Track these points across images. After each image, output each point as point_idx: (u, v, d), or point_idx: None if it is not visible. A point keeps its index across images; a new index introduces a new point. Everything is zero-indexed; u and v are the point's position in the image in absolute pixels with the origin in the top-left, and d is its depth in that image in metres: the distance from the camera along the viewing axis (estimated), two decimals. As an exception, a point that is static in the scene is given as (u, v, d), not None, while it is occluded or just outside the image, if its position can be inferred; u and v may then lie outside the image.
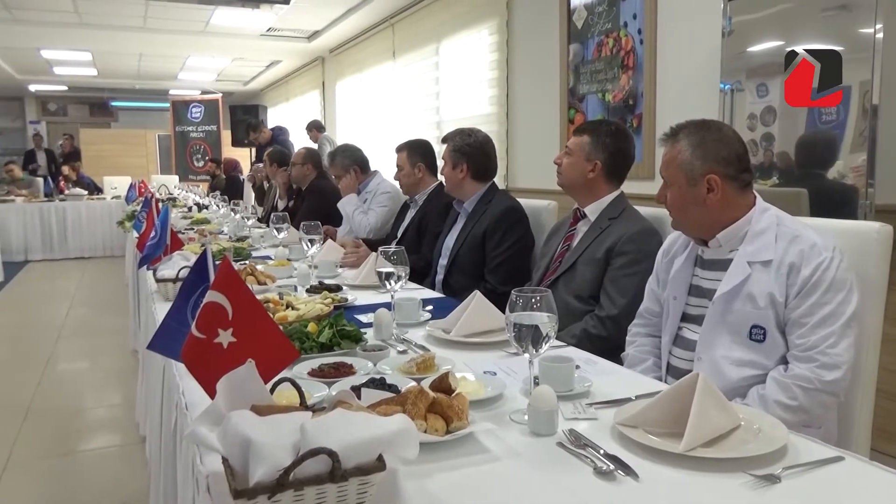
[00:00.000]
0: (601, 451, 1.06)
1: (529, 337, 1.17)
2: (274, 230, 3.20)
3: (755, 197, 1.66)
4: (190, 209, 6.26)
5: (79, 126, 13.99)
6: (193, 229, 4.22)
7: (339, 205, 3.94)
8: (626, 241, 2.11)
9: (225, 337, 1.09)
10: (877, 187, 2.49)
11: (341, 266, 2.87)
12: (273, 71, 11.20)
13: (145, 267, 2.67)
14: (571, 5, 4.16)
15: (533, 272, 2.50)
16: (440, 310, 1.98)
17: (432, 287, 2.77)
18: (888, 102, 2.45)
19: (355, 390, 1.11)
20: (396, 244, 2.54)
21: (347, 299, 2.20)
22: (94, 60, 10.33)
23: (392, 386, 1.25)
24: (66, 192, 9.92)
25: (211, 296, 1.10)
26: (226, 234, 4.09)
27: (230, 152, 10.75)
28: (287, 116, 11.18)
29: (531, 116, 4.82)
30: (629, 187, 2.30)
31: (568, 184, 2.30)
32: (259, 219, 5.15)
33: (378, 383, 1.26)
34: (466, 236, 2.79)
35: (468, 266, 2.77)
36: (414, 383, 1.18)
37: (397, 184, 3.48)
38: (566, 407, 1.24)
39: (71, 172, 10.70)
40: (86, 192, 10.00)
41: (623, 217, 2.20)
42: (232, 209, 5.12)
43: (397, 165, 3.33)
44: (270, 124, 8.73)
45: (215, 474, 0.96)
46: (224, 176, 8.87)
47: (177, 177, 11.24)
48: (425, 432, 1.04)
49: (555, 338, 1.22)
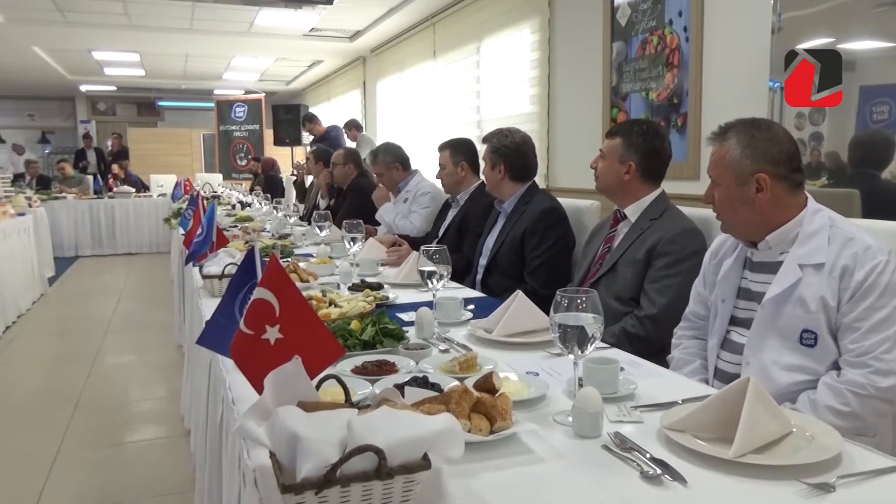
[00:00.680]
0: (647, 455, 1.04)
1: (575, 338, 1.16)
2: (316, 228, 3.23)
3: (807, 198, 1.62)
4: (233, 207, 6.37)
5: (127, 125, 14.35)
6: (237, 227, 4.29)
7: (378, 216, 3.97)
8: (667, 242, 2.08)
9: (272, 333, 1.10)
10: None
11: (383, 264, 2.89)
12: (315, 71, 11.32)
13: (191, 263, 2.72)
14: (615, 3, 4.11)
15: (574, 274, 2.47)
16: (482, 309, 1.98)
17: (472, 286, 2.77)
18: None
19: (399, 388, 1.11)
20: (437, 243, 2.54)
21: (389, 297, 2.21)
22: (143, 61, 10.58)
23: (435, 385, 1.25)
24: (115, 190, 10.18)
25: (259, 293, 1.11)
26: (268, 232, 4.14)
27: (272, 151, 10.90)
28: (328, 116, 11.27)
29: (573, 115, 4.77)
30: (673, 187, 2.26)
31: (604, 187, 2.29)
32: (300, 217, 5.21)
33: (421, 382, 1.26)
34: (506, 237, 2.78)
35: (507, 267, 2.76)
36: (457, 382, 1.17)
37: (438, 183, 3.48)
38: (611, 409, 1.22)
39: (119, 171, 10.98)
40: (133, 190, 10.25)
41: (664, 217, 2.16)
42: (274, 207, 5.19)
43: (440, 164, 3.34)
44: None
45: (262, 468, 0.98)
46: (262, 175, 9.00)
47: (220, 175, 11.45)
48: (469, 432, 1.04)
49: (600, 339, 1.21)
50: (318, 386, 1.07)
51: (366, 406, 1.03)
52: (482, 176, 3.11)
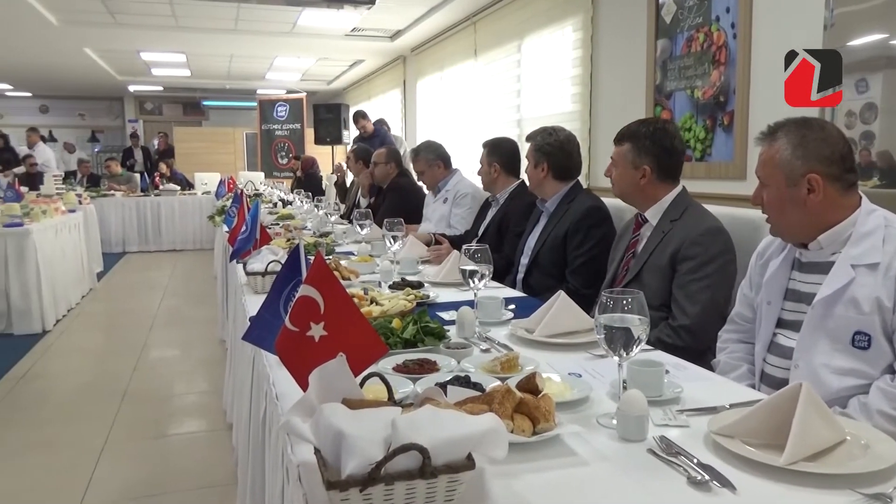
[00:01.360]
0: (695, 461, 1.02)
1: (621, 340, 1.15)
2: (357, 226, 3.25)
3: (860, 198, 1.57)
4: (275, 205, 6.45)
5: (172, 124, 14.67)
6: (279, 224, 4.34)
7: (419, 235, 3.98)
8: (690, 245, 2.03)
9: (317, 330, 1.11)
10: None
11: (424, 261, 2.90)
12: (355, 70, 11.40)
13: (235, 260, 2.76)
14: (660, 0, 4.05)
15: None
16: (523, 309, 1.97)
17: (513, 286, 2.75)
18: None
19: (441, 387, 1.11)
20: (477, 242, 2.54)
21: (429, 296, 2.21)
22: (188, 62, 10.79)
23: (477, 384, 1.24)
24: (161, 188, 10.41)
25: (304, 290, 1.12)
26: (309, 230, 4.19)
27: (312, 150, 11.01)
28: (369, 115, 11.34)
29: (615, 114, 4.71)
30: (719, 187, 2.22)
31: (621, 194, 2.27)
32: (341, 215, 5.26)
33: (463, 381, 1.25)
34: (548, 236, 2.76)
35: (549, 266, 2.74)
36: (498, 382, 1.17)
37: (478, 181, 3.49)
38: (655, 413, 1.20)
39: (166, 169, 11.23)
40: (178, 188, 10.47)
41: (685, 217, 2.12)
42: (315, 205, 5.25)
43: (480, 161, 3.36)
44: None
45: (306, 464, 0.98)
46: (302, 172, 9.10)
47: (262, 173, 11.62)
48: (512, 433, 1.03)
49: (646, 341, 1.19)
50: (362, 384, 1.08)
51: (409, 404, 1.03)
52: (524, 175, 3.09)
